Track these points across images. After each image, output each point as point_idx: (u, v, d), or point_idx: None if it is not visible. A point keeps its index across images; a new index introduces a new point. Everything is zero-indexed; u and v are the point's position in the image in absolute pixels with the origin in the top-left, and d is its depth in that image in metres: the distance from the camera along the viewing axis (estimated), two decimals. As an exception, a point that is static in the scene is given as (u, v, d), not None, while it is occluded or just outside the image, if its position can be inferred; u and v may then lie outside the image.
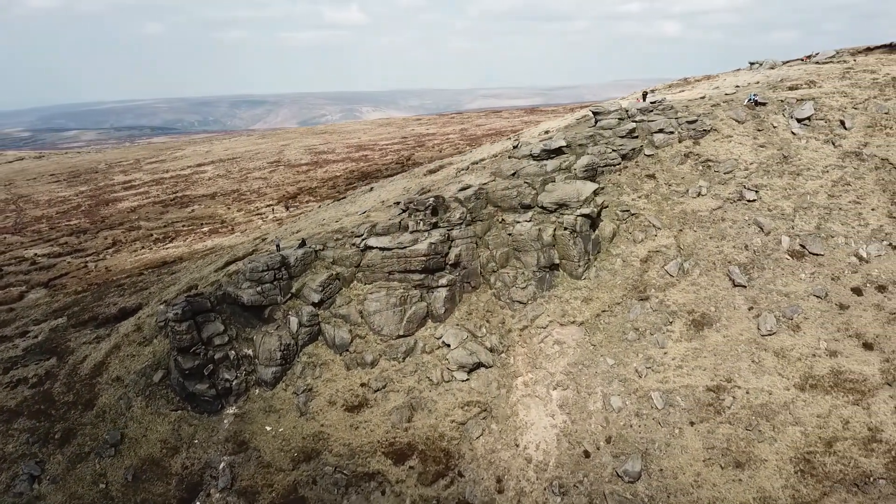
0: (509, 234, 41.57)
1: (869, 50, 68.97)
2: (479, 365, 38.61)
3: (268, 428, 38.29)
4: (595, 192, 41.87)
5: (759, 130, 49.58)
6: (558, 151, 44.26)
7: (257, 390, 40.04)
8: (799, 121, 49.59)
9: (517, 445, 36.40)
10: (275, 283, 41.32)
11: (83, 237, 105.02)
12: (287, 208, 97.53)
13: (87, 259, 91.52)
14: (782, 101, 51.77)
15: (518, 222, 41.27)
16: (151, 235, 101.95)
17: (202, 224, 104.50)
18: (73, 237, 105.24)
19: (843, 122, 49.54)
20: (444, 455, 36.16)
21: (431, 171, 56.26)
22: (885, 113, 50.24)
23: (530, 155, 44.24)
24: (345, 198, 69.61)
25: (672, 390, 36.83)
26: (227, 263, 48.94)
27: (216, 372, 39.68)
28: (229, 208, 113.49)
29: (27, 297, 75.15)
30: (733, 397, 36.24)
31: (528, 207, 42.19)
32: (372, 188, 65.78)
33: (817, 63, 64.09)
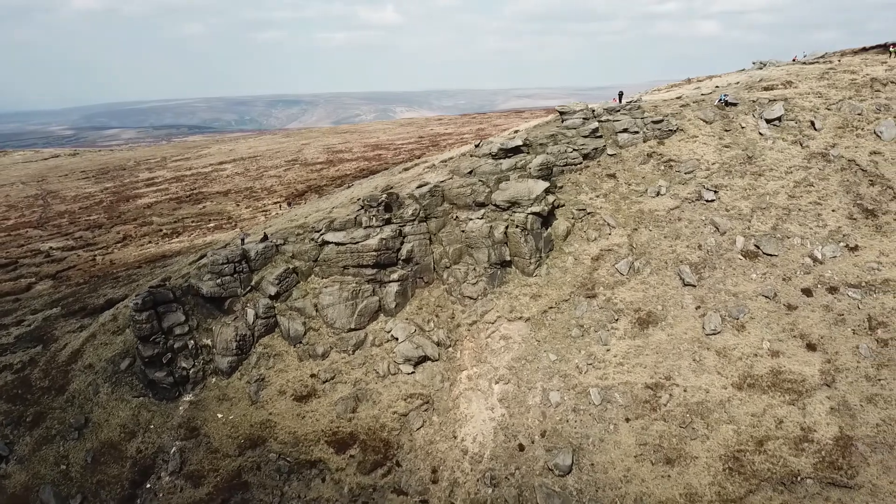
0: (462, 231, 42.35)
1: (864, 50, 67.98)
2: (424, 358, 39.48)
3: (219, 415, 39.69)
4: (546, 191, 42.38)
5: (726, 131, 49.52)
6: (516, 150, 44.86)
7: (214, 379, 41.48)
8: (768, 121, 49.40)
9: (455, 437, 37.19)
10: (235, 275, 42.72)
11: (97, 232, 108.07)
12: (290, 205, 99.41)
13: (96, 253, 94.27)
14: (754, 101, 51.60)
15: (471, 219, 42.03)
16: (161, 231, 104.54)
17: (209, 220, 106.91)
18: (88, 231, 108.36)
19: (813, 123, 49.25)
20: (383, 445, 37.11)
21: (406, 169, 57.23)
22: (858, 114, 49.79)
23: (489, 154, 44.94)
24: (328, 195, 71.00)
25: (611, 387, 37.24)
26: (201, 257, 50.54)
27: (174, 360, 41.23)
28: (238, 205, 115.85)
29: (34, 289, 77.91)
30: (670, 395, 36.52)
31: (482, 205, 42.91)
32: (350, 186, 67.01)
33: (803, 64, 63.48)
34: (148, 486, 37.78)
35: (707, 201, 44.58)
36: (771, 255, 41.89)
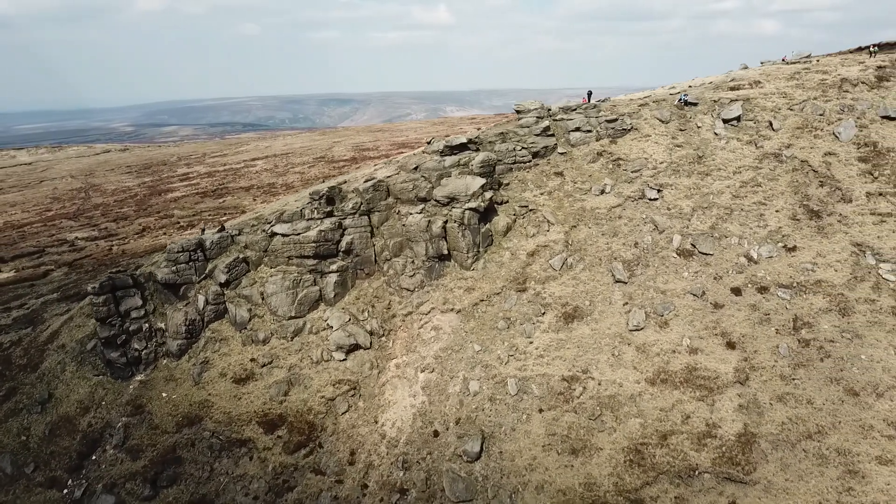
0: (403, 225, 43.79)
1: (859, 50, 66.59)
2: (356, 347, 41.11)
3: (164, 394, 42.12)
4: (483, 187, 43.48)
5: (681, 130, 49.70)
6: (462, 147, 46.03)
7: (165, 361, 43.96)
8: (726, 121, 49.38)
9: (376, 422, 38.71)
10: (189, 263, 45.12)
11: (122, 223, 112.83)
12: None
13: (114, 243, 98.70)
14: (716, 101, 51.57)
15: (411, 214, 43.44)
16: (178, 223, 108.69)
17: (224, 214, 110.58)
18: (114, 223, 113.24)
19: (771, 124, 49.02)
20: (308, 427, 38.90)
21: (378, 166, 58.86)
22: (820, 114, 49.34)
23: (437, 151, 46.25)
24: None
25: (528, 378, 38.20)
26: (173, 246, 53.22)
27: (128, 342, 43.87)
28: (255, 200, 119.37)
29: (50, 275, 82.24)
30: (584, 388, 37.28)
31: (424, 200, 44.27)
32: (325, 179, 69.01)
33: (785, 63, 62.67)
34: (94, 457, 40.39)
35: (650, 200, 44.98)
36: (706, 254, 42.12)
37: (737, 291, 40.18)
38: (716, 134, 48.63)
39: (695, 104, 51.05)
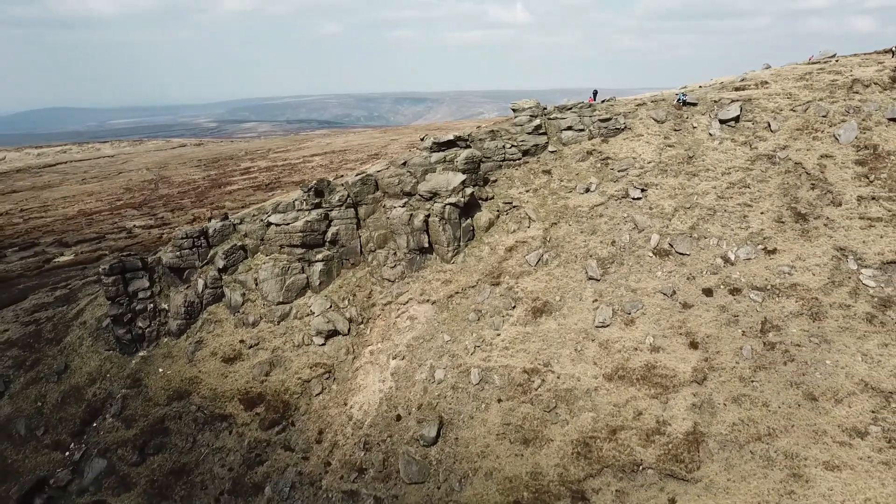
0: (388, 218, 45.54)
1: (887, 51, 64.14)
2: (335, 332, 43.17)
3: (160, 370, 45.30)
4: (463, 183, 44.69)
5: (675, 130, 49.55)
6: (450, 144, 47.33)
7: (166, 339, 47.20)
8: (723, 122, 48.95)
9: (346, 404, 40.66)
10: (193, 249, 48.23)
11: (178, 213, 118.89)
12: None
13: (165, 231, 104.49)
14: (716, 101, 51.09)
15: (395, 207, 45.17)
16: (226, 214, 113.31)
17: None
18: (171, 213, 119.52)
19: (769, 125, 48.31)
20: (283, 406, 41.21)
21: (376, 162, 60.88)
22: (823, 116, 48.30)
23: (428, 147, 47.79)
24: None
25: (491, 368, 39.33)
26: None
27: (133, 320, 47.32)
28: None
29: (102, 259, 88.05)
30: (543, 380, 38.16)
31: (409, 195, 45.88)
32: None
33: (810, 63, 60.98)
34: (94, 424, 43.89)
35: (633, 199, 45.21)
36: (683, 255, 42.15)
37: (708, 292, 40.12)
38: (710, 134, 48.30)
39: (694, 104, 50.74)
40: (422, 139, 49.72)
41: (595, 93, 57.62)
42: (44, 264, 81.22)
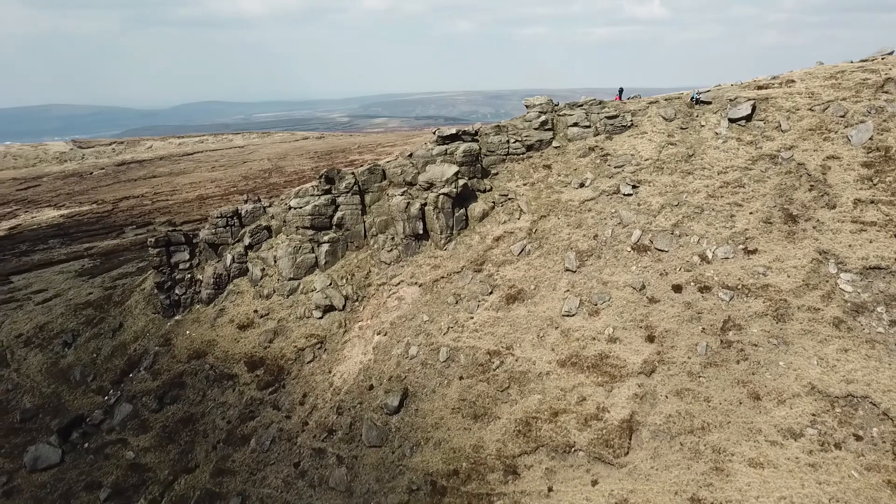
0: (389, 206, 49.05)
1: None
2: (331, 308, 47.25)
3: (188, 332, 51.34)
4: (456, 175, 47.20)
5: (682, 129, 49.54)
6: (453, 138, 50.01)
7: (197, 306, 53.29)
8: (732, 120, 48.45)
9: (330, 372, 44.64)
10: (227, 227, 54.06)
11: (273, 200, 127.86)
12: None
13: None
14: (732, 100, 50.47)
15: (395, 196, 48.59)
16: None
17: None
18: (267, 200, 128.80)
19: (780, 125, 47.41)
20: (278, 370, 45.84)
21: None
22: (841, 116, 46.78)
23: (434, 140, 50.80)
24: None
25: (459, 348, 41.93)
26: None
27: (172, 288, 53.80)
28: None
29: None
30: (502, 362, 40.33)
31: (410, 184, 49.11)
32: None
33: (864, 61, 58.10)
34: (131, 375, 50.58)
35: (624, 195, 46.02)
36: (661, 251, 42.69)
37: (678, 288, 40.58)
38: (716, 133, 48.00)
39: (708, 103, 50.41)
40: (434, 132, 52.68)
41: (621, 91, 58.14)
42: (146, 240, 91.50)
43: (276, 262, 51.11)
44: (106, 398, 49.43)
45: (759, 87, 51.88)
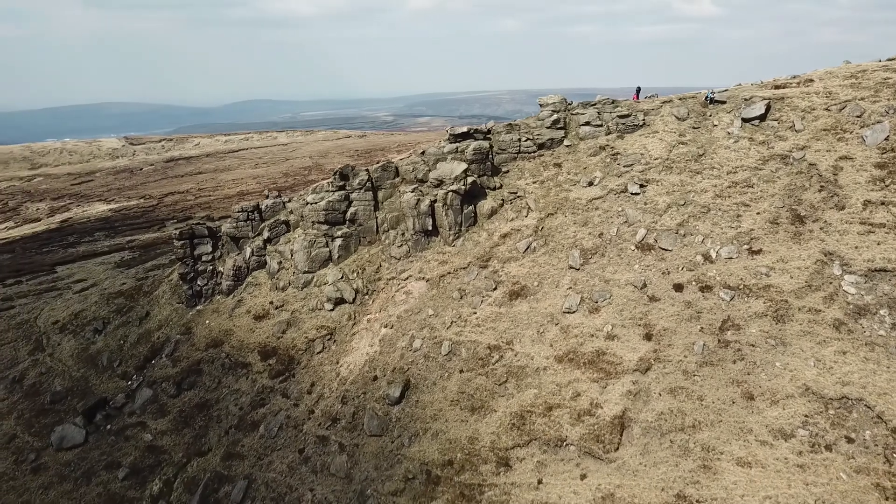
0: (400, 202, 50.14)
1: None
2: (342, 300, 48.57)
3: (207, 322, 53.33)
4: (465, 172, 47.96)
5: (694, 128, 49.38)
6: (465, 136, 50.81)
7: (218, 297, 55.29)
8: (745, 120, 48.12)
9: (338, 363, 45.96)
10: (247, 221, 55.94)
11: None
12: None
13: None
14: (747, 99, 50.10)
15: (406, 192, 49.64)
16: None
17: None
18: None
19: (794, 124, 46.92)
20: (289, 360, 47.37)
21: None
22: (857, 116, 46.10)
23: (447, 138, 51.68)
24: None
25: (461, 342, 42.76)
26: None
27: (195, 279, 55.90)
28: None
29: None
30: (502, 356, 41.03)
31: (421, 181, 50.09)
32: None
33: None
34: (153, 361, 52.83)
35: (632, 194, 46.16)
36: (665, 250, 42.76)
37: (679, 287, 40.64)
38: (728, 133, 47.73)
39: (722, 102, 50.12)
40: (448, 130, 53.52)
41: (638, 90, 58.09)
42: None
43: (292, 255, 52.66)
44: (129, 383, 51.69)
45: (777, 87, 51.32)
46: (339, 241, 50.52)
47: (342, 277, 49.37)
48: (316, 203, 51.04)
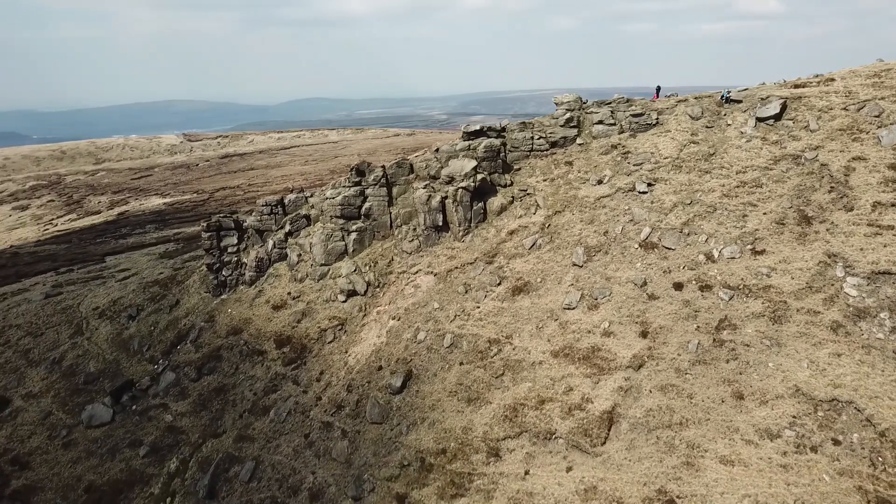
0: (413, 198, 51.38)
1: None
2: (354, 292, 50.13)
3: (229, 310, 55.68)
4: (475, 169, 48.81)
5: (707, 128, 49.12)
6: (478, 134, 51.68)
7: (241, 287, 57.63)
8: (760, 119, 47.66)
9: (346, 352, 47.52)
10: (271, 215, 58.13)
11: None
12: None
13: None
14: (763, 99, 49.59)
15: (418, 189, 50.87)
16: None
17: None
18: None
19: (809, 124, 46.32)
20: (302, 348, 49.19)
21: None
22: (876, 116, 45.23)
23: (460, 136, 52.70)
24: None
25: (463, 335, 43.76)
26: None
27: (220, 269, 58.37)
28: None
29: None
30: (500, 350, 41.88)
31: (434, 178, 51.22)
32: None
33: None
34: (178, 347, 55.49)
35: (639, 193, 46.30)
36: (668, 249, 42.85)
37: (678, 286, 40.74)
38: (741, 133, 47.35)
39: (738, 101, 49.71)
40: (462, 129, 54.50)
41: (658, 89, 57.95)
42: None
43: (311, 248, 54.52)
44: (155, 367, 54.41)
45: (796, 86, 50.59)
46: (354, 236, 52.11)
47: (355, 270, 50.91)
48: (333, 198, 52.73)
